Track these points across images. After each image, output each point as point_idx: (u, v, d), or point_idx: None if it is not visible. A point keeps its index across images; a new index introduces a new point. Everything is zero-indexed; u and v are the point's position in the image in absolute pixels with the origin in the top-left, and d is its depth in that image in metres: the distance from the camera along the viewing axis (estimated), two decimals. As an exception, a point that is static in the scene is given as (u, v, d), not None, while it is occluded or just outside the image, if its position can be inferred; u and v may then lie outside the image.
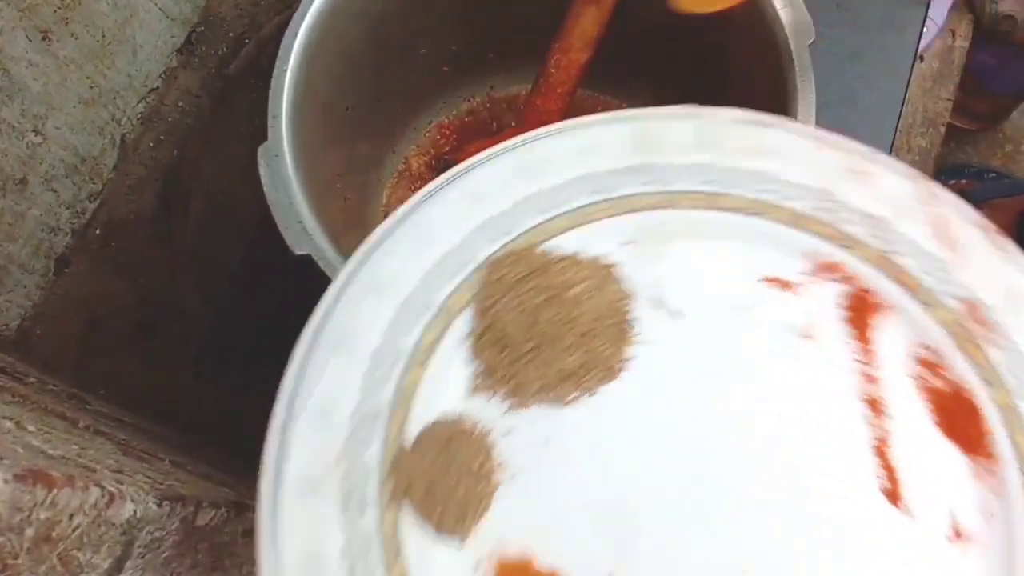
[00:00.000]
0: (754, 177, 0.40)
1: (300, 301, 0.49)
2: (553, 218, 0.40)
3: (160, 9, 0.87)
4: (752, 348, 0.38)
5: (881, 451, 0.35)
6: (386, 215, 0.70)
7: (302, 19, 0.54)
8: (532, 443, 0.36)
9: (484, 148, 0.63)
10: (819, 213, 0.39)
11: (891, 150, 0.68)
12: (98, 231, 0.86)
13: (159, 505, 0.39)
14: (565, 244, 0.40)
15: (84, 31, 0.81)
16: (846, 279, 0.39)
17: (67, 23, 0.79)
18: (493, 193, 0.40)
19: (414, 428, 0.36)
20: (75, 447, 0.43)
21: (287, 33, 0.54)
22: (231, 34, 0.93)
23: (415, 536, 0.34)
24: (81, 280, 0.84)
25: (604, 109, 0.73)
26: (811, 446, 0.36)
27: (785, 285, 0.39)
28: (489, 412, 0.37)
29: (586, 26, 0.58)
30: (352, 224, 0.65)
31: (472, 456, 0.35)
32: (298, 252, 0.49)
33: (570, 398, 0.37)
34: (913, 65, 0.67)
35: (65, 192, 0.83)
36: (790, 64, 0.54)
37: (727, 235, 0.39)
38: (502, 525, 0.34)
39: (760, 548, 0.34)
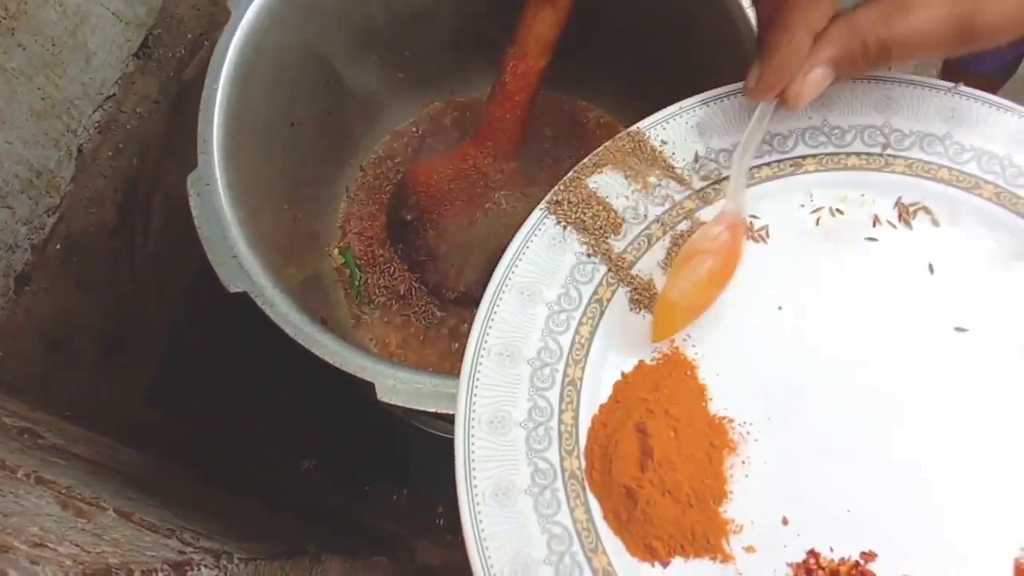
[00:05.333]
0: None
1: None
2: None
3: (113, 13, 0.84)
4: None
5: None
6: (344, 231, 0.67)
7: (233, 31, 0.50)
8: None
9: (440, 163, 0.60)
10: None
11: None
12: (58, 246, 0.83)
13: (78, 584, 0.36)
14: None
15: (32, 41, 0.77)
16: None
17: (13, 33, 0.76)
18: None
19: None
20: (-6, 514, 0.40)
21: (216, 48, 0.49)
22: (189, 35, 0.89)
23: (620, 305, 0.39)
24: (42, 298, 0.82)
25: (571, 111, 0.69)
26: (992, 456, 0.35)
27: None
28: None
29: (542, 30, 0.54)
30: (302, 245, 0.61)
31: None
32: (233, 290, 0.45)
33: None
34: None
35: (21, 208, 0.80)
36: (759, 65, 0.51)
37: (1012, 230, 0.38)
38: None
39: (878, 502, 0.34)
